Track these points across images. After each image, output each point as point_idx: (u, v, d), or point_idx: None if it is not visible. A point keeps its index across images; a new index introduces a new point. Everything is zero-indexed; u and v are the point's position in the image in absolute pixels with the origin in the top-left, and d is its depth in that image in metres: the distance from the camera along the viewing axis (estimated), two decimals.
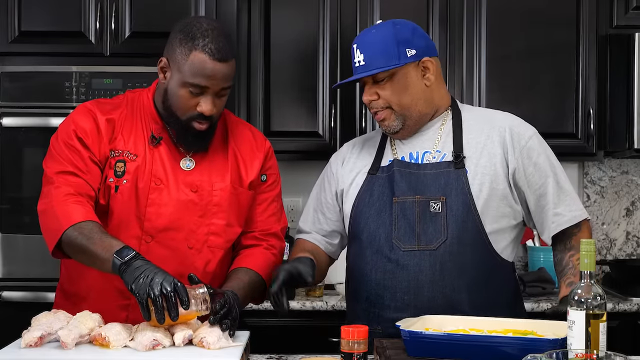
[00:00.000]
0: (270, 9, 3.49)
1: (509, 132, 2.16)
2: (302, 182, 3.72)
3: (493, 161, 2.13)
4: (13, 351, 1.86)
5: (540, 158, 2.16)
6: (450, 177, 2.12)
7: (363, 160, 2.27)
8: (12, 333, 2.03)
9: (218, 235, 2.16)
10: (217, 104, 2.08)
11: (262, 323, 3.11)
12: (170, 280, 1.83)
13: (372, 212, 2.17)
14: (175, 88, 2.06)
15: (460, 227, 2.09)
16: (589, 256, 1.65)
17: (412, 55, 2.14)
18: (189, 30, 2.04)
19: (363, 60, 2.15)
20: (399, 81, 2.14)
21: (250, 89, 3.48)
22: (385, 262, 2.12)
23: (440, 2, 3.45)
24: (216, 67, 2.02)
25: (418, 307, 2.07)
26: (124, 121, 2.14)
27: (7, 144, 3.18)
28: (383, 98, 2.16)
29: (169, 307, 1.82)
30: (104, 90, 3.15)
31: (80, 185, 2.05)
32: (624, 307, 3.16)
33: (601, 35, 3.47)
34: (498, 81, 3.46)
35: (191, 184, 2.13)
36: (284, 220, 2.33)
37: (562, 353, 1.55)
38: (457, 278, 2.08)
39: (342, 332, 1.80)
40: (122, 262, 1.87)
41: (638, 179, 3.83)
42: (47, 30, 3.25)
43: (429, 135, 2.20)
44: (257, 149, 2.24)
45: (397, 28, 2.15)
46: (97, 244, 1.92)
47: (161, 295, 1.81)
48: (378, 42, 2.14)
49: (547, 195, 2.15)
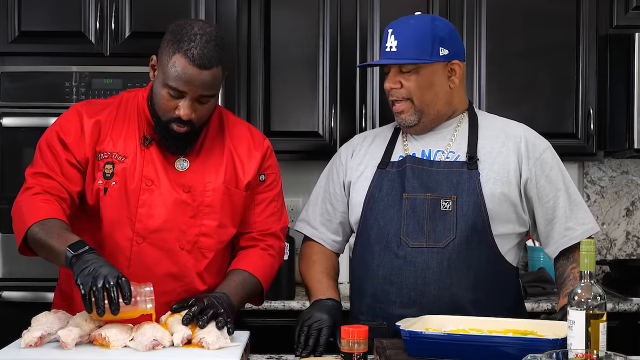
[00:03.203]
0: (270, 9, 3.49)
1: (524, 142, 2.18)
2: (302, 182, 3.72)
3: (507, 168, 2.15)
4: (13, 351, 1.86)
5: (553, 171, 2.18)
6: (463, 177, 2.13)
7: (373, 153, 2.27)
8: (12, 333, 2.03)
9: (209, 237, 2.15)
10: (198, 109, 2.04)
11: (262, 323, 3.11)
12: (114, 274, 1.82)
13: (381, 208, 2.17)
14: (158, 88, 2.05)
15: (470, 227, 2.10)
16: (589, 256, 1.65)
17: (444, 55, 2.14)
18: (178, 31, 2.02)
19: (395, 47, 2.14)
20: (425, 77, 2.14)
21: (250, 89, 3.48)
22: (393, 258, 2.12)
23: (440, 2, 3.45)
24: (195, 74, 1.98)
25: (424, 304, 2.08)
26: (113, 122, 2.13)
27: (7, 144, 3.17)
28: (405, 88, 2.15)
29: (110, 301, 1.80)
30: (104, 90, 3.15)
31: (52, 187, 2.07)
32: (624, 307, 3.16)
33: (601, 35, 3.47)
34: (498, 81, 3.46)
35: (184, 185, 2.12)
36: (284, 219, 2.31)
37: (562, 353, 1.55)
38: (464, 277, 2.09)
39: (342, 332, 1.80)
40: (74, 255, 1.87)
41: (638, 179, 3.83)
42: (47, 30, 3.25)
43: (443, 134, 2.21)
44: (254, 148, 2.22)
45: (436, 24, 2.15)
46: (55, 238, 1.93)
47: (103, 287, 1.80)
48: (414, 34, 2.13)
49: (557, 209, 2.16)
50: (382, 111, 3.44)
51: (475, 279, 2.10)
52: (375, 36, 3.45)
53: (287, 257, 3.22)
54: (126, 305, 1.84)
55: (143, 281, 2.03)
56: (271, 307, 3.14)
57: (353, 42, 3.46)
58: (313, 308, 2.14)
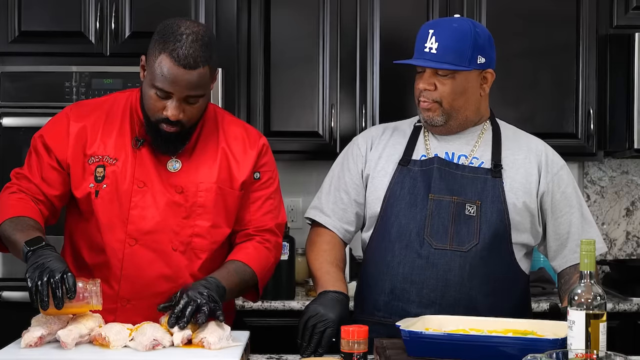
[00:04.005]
0: (270, 9, 3.48)
1: (544, 156, 2.22)
2: (302, 182, 3.72)
3: (529, 180, 2.18)
4: (13, 351, 1.86)
5: (569, 189, 2.22)
6: (487, 184, 2.15)
7: (392, 148, 2.27)
8: (12, 333, 2.03)
9: (202, 237, 2.14)
10: (187, 110, 2.03)
11: (262, 323, 3.11)
12: (61, 269, 1.83)
13: (403, 206, 2.17)
14: (146, 88, 2.05)
15: (492, 234, 2.12)
16: (589, 256, 1.65)
17: (481, 63, 2.16)
18: (165, 31, 2.01)
19: (435, 50, 2.13)
20: (460, 83, 2.15)
21: (250, 89, 3.47)
22: (415, 257, 2.13)
23: (440, 2, 3.45)
24: (179, 74, 1.97)
25: (443, 305, 2.09)
26: (102, 125, 2.14)
27: (7, 144, 3.17)
28: (439, 92, 2.16)
29: (53, 295, 1.80)
30: (104, 90, 3.14)
31: (29, 189, 2.10)
32: (624, 307, 3.16)
33: (601, 35, 3.46)
34: (498, 81, 3.41)
35: (176, 185, 2.12)
36: (282, 217, 2.29)
37: (562, 353, 1.55)
38: (483, 283, 2.11)
39: (342, 332, 1.80)
40: (29, 250, 1.89)
41: (638, 179, 3.83)
42: (47, 30, 3.25)
43: (467, 139, 2.23)
44: (249, 147, 2.21)
45: (477, 32, 2.15)
46: (18, 234, 1.95)
47: (48, 282, 1.80)
48: (457, 39, 2.13)
49: (571, 227, 2.21)
50: (382, 111, 3.44)
51: (494, 284, 2.13)
52: (375, 36, 3.44)
53: (287, 257, 3.21)
54: (72, 301, 1.84)
55: (136, 283, 2.04)
56: (271, 307, 3.14)
57: (353, 43, 3.46)
58: (320, 302, 2.11)
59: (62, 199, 2.14)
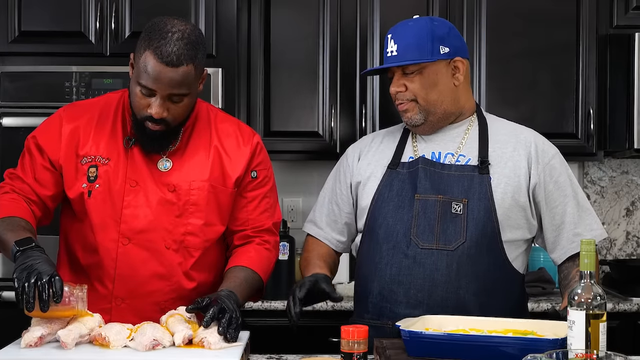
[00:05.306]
0: (270, 9, 3.49)
1: (534, 147, 2.19)
2: (302, 182, 3.73)
3: (517, 173, 2.16)
4: (13, 351, 1.86)
5: (562, 177, 2.19)
6: (474, 181, 2.13)
7: (382, 153, 2.27)
8: (12, 333, 2.03)
9: (195, 235, 2.14)
10: (171, 108, 2.03)
11: (262, 323, 3.11)
12: (49, 272, 1.82)
13: (391, 207, 2.17)
14: (132, 85, 2.05)
15: (480, 232, 2.10)
16: (589, 256, 1.65)
17: (445, 53, 2.15)
18: (152, 29, 2.02)
19: (396, 51, 2.15)
20: (429, 76, 2.15)
21: (250, 89, 3.47)
22: (402, 258, 2.12)
23: (440, 3, 3.45)
24: (162, 71, 1.97)
25: (430, 305, 2.08)
26: (94, 126, 2.14)
27: (7, 144, 3.17)
28: (410, 91, 2.16)
29: (40, 297, 1.80)
30: (104, 90, 3.14)
31: (22, 189, 2.10)
32: (624, 307, 3.16)
33: (601, 35, 3.47)
34: (498, 81, 3.46)
35: (168, 184, 2.12)
36: (277, 215, 2.30)
37: (562, 353, 1.55)
38: (471, 281, 2.10)
39: (342, 332, 1.80)
40: (18, 250, 1.89)
41: (638, 179, 3.83)
42: (47, 30, 3.25)
43: (453, 136, 2.22)
44: (243, 144, 2.21)
45: (435, 25, 2.16)
46: (8, 233, 1.96)
47: (35, 284, 1.80)
48: (413, 35, 2.15)
49: (566, 215, 2.17)
50: (382, 111, 3.44)
51: (482, 283, 2.11)
52: (375, 36, 3.45)
53: (287, 257, 3.22)
54: (57, 305, 1.84)
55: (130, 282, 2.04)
56: (271, 307, 3.14)
57: (353, 43, 3.46)
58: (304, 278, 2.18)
59: (55, 200, 2.15)
